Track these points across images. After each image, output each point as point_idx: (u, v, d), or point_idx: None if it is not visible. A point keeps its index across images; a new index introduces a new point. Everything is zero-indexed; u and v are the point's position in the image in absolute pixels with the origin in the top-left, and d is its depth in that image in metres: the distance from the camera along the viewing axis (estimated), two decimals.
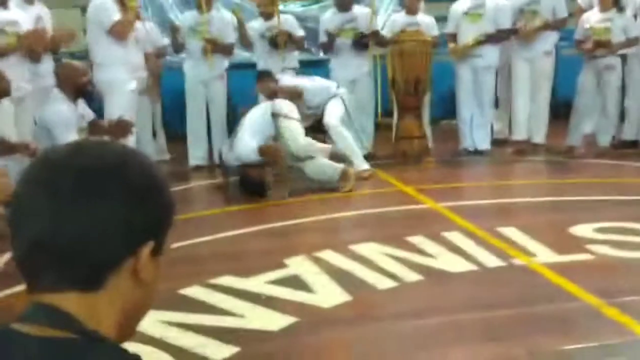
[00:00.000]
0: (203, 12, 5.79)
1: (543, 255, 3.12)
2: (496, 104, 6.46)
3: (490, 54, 5.99)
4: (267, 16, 6.05)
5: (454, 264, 3.06)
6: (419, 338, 2.37)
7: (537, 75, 6.00)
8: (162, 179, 0.85)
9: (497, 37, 5.97)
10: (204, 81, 5.89)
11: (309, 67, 7.05)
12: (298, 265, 3.13)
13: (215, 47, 5.78)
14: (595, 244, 3.22)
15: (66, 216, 0.76)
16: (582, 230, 3.47)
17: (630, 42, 5.68)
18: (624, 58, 5.84)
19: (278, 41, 5.94)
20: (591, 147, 5.99)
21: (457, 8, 6.07)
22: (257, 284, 2.91)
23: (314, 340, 2.39)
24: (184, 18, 6.12)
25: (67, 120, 3.97)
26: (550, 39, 5.93)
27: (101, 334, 0.77)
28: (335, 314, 2.56)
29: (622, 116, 6.03)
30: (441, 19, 6.27)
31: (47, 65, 4.80)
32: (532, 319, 2.44)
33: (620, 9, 5.69)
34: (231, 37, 5.99)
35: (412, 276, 2.93)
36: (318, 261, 3.17)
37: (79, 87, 4.13)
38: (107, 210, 0.77)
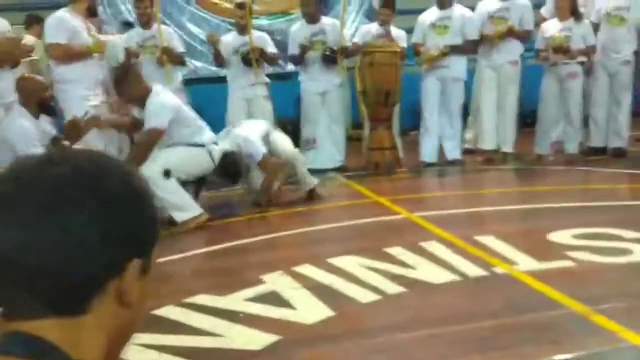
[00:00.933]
0: (148, 28, 5.69)
1: (524, 262, 3.09)
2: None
3: (458, 65, 6.02)
4: (242, 30, 5.96)
5: (435, 275, 3.01)
6: (406, 352, 2.29)
7: (504, 84, 6.06)
8: (144, 190, 0.76)
9: (463, 48, 6.00)
10: None
11: (278, 80, 7.01)
12: (276, 281, 3.04)
13: (169, 57, 5.65)
14: (574, 251, 3.21)
15: (37, 233, 0.67)
16: (561, 236, 3.46)
17: (588, 50, 5.78)
18: (589, 66, 5.93)
19: (250, 58, 5.84)
20: (560, 154, 6.05)
21: (423, 19, 6.08)
22: (235, 301, 2.81)
23: (299, 358, 2.29)
24: (130, 37, 5.83)
25: (30, 136, 3.83)
26: (515, 49, 6.01)
27: None
28: (319, 330, 2.47)
29: (586, 122, 6.12)
30: (410, 31, 6.29)
31: (8, 81, 4.62)
32: (519, 328, 2.39)
33: (578, 18, 5.80)
34: (180, 47, 5.89)
35: (394, 288, 2.86)
36: (296, 276, 3.08)
37: (41, 101, 4.01)
38: (83, 224, 0.68)
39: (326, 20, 6.12)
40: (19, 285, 0.67)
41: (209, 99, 6.90)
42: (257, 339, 2.41)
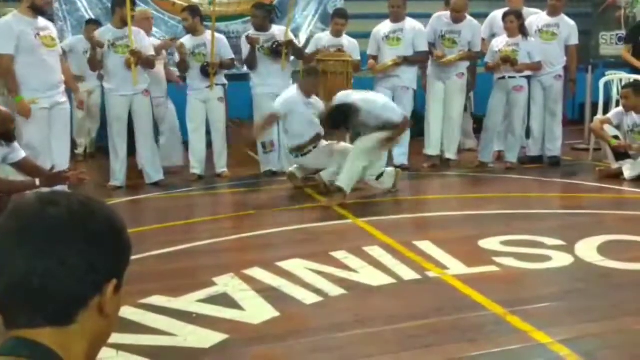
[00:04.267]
0: (122, 27, 5.79)
1: (455, 267, 3.39)
2: None
3: (408, 75, 6.34)
4: (194, 31, 6.17)
5: (374, 278, 3.28)
6: (343, 350, 2.55)
7: (451, 95, 6.41)
8: (121, 225, 0.99)
9: (414, 59, 6.33)
10: (128, 97, 5.86)
11: (234, 80, 7.20)
12: (227, 283, 3.25)
13: (138, 59, 5.76)
14: (501, 257, 3.53)
15: (39, 262, 0.89)
16: (490, 243, 3.79)
17: (534, 65, 6.18)
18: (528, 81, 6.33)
19: (209, 70, 6.05)
20: (500, 163, 6.44)
21: (377, 31, 6.38)
22: (188, 302, 3.01)
23: (246, 356, 2.53)
24: (102, 33, 5.90)
25: None
26: (462, 63, 6.37)
27: None
28: (264, 330, 2.71)
29: (527, 134, 6.54)
30: (364, 36, 6.60)
31: None
32: (445, 328, 2.68)
33: (526, 36, 6.19)
34: (151, 50, 6.01)
35: (336, 291, 3.12)
36: (246, 279, 3.30)
37: (3, 134, 4.09)
38: (74, 256, 0.90)
39: (276, 28, 6.32)
40: (23, 302, 0.89)
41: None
42: (208, 338, 2.63)
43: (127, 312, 2.85)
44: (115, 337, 2.56)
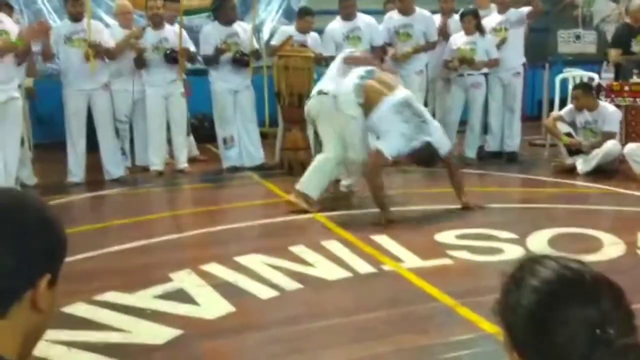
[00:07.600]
0: (78, 21, 5.72)
1: (410, 261, 3.45)
2: None
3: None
4: (158, 24, 6.10)
5: (331, 272, 3.31)
6: (296, 342, 2.57)
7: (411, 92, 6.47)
8: (54, 219, 0.99)
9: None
10: (86, 92, 5.79)
11: (193, 76, 7.14)
12: (183, 278, 3.25)
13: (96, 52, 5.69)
14: (455, 250, 3.60)
15: None
16: (445, 237, 3.86)
17: (491, 62, 6.30)
18: (485, 78, 6.45)
19: (176, 57, 6.02)
20: (459, 158, 6.53)
21: (333, 31, 6.38)
22: (143, 298, 3.00)
23: (199, 351, 2.53)
24: (58, 28, 5.87)
25: None
26: (421, 59, 6.44)
27: (6, 357, 0.90)
28: (219, 324, 2.72)
29: (485, 130, 6.66)
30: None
31: None
32: (397, 319, 2.73)
33: (482, 33, 6.30)
34: (110, 42, 5.92)
35: (292, 285, 3.14)
36: (203, 274, 3.30)
37: None
38: (5, 251, 0.90)
39: (240, 25, 6.35)
40: None
41: None
42: (161, 334, 2.62)
43: (80, 308, 2.84)
44: (67, 334, 2.56)
